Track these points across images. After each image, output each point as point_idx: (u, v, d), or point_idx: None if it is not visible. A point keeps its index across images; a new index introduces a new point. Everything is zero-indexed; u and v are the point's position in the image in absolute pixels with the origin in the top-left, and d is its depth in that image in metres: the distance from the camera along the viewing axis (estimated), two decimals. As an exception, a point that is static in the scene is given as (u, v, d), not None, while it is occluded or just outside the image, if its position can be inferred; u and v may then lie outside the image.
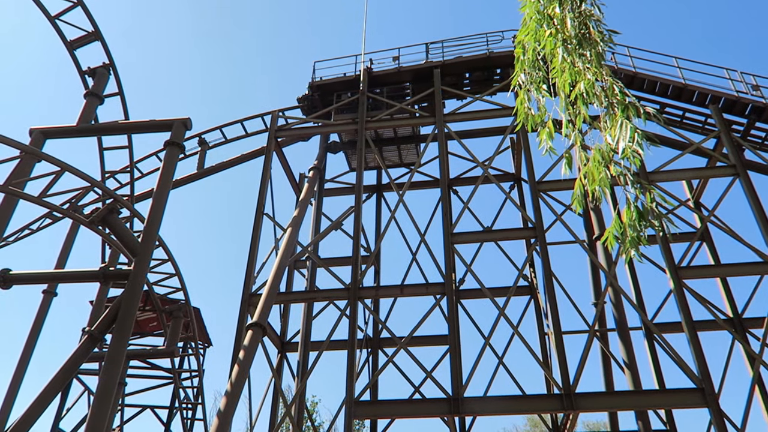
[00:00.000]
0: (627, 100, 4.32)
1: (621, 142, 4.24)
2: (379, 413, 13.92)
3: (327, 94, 19.22)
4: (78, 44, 14.34)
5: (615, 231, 4.54)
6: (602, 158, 4.46)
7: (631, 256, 4.53)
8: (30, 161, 11.37)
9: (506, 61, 18.12)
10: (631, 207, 4.40)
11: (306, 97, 19.59)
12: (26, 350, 15.25)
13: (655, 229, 4.47)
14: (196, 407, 20.87)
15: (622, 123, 4.24)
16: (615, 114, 4.27)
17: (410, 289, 14.96)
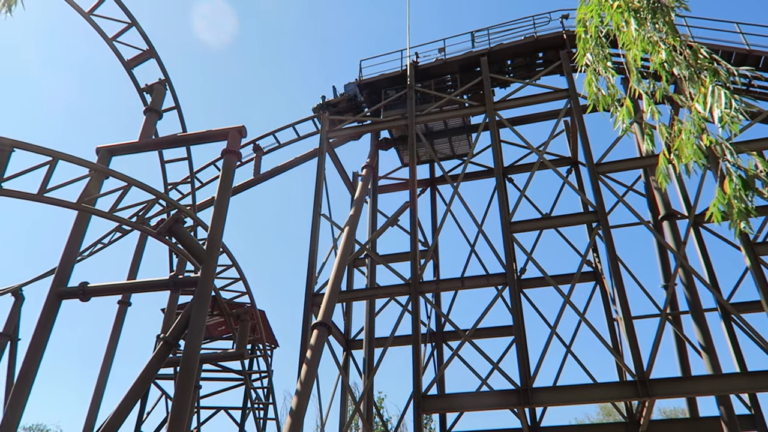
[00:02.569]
0: (715, 65, 4.08)
1: (715, 110, 4.00)
2: (448, 407, 13.88)
3: (375, 92, 19.26)
4: (135, 63, 14.92)
5: (719, 204, 4.27)
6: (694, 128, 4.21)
7: (741, 228, 4.27)
8: (99, 178, 11.90)
9: (555, 42, 17.66)
10: (733, 177, 4.14)
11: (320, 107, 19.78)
12: (107, 359, 16.02)
13: (765, 198, 4.21)
14: (267, 407, 21.42)
15: (713, 89, 4.01)
16: (702, 82, 4.04)
17: (471, 281, 14.84)
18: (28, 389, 11.43)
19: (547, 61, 18.15)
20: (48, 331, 12.05)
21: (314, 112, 19.96)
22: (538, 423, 14.70)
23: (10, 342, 18.91)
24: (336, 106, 19.52)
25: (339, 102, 19.55)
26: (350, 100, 19.67)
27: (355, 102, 19.52)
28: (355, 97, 19.63)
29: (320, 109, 19.80)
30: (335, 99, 19.72)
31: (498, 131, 16.46)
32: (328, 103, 19.75)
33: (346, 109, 19.61)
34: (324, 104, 19.75)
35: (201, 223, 13.66)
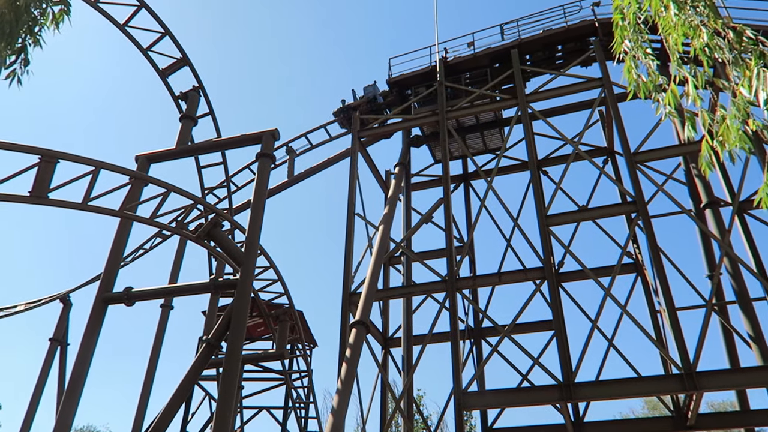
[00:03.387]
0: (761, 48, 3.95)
1: (761, 93, 3.87)
2: (488, 403, 13.79)
3: (405, 89, 19.25)
4: (169, 71, 15.25)
5: (767, 189, 4.14)
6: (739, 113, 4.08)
7: None
8: (139, 186, 12.20)
9: (587, 31, 17.35)
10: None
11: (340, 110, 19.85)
12: (152, 361, 16.44)
13: None
14: (308, 406, 21.64)
15: (759, 72, 3.88)
16: (746, 65, 3.92)
17: (508, 276, 14.71)
18: (79, 392, 11.82)
19: (579, 50, 17.84)
20: (96, 335, 12.43)
21: (335, 117, 20.12)
22: (581, 418, 14.47)
23: (60, 347, 19.60)
24: (356, 109, 19.65)
25: (359, 105, 19.67)
26: (369, 102, 19.77)
27: (375, 104, 19.60)
28: (374, 98, 19.71)
29: (340, 113, 19.97)
30: (355, 102, 19.86)
31: (531, 124, 16.26)
32: (348, 107, 19.91)
33: (366, 111, 19.70)
34: (344, 108, 19.92)
35: (238, 226, 13.89)
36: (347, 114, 19.92)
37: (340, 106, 20.08)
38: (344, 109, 19.95)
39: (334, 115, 20.02)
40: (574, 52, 17.97)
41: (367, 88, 20.05)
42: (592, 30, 17.17)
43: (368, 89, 19.96)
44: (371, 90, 19.85)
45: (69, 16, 3.84)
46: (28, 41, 3.60)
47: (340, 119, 20.25)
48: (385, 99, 19.71)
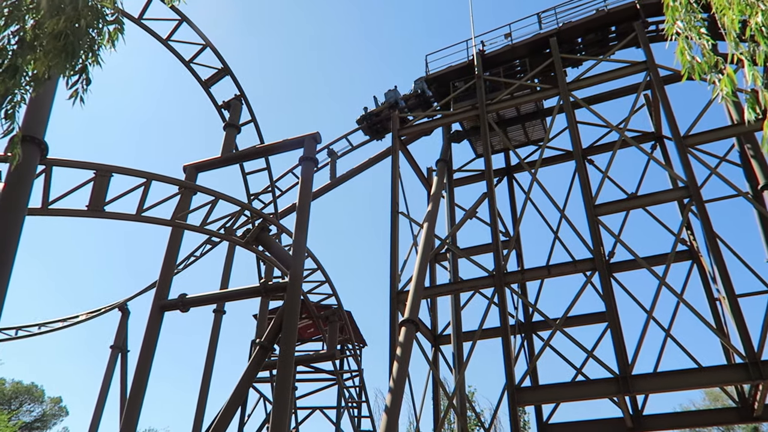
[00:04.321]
0: None
1: None
2: (543, 398, 13.57)
3: (443, 85, 19.14)
4: (212, 82, 15.62)
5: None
6: None
7: None
8: (188, 195, 12.56)
9: (628, 14, 16.85)
10: None
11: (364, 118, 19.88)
12: (208, 364, 16.87)
13: None
14: (360, 405, 21.82)
15: None
16: None
17: (558, 269, 14.45)
18: (142, 397, 12.24)
19: (620, 34, 17.36)
20: (154, 341, 12.85)
21: (358, 125, 20.22)
22: (640, 411, 14.10)
23: (120, 354, 20.35)
24: (378, 115, 19.76)
25: (381, 111, 19.77)
26: (391, 108, 19.85)
27: (397, 108, 19.68)
28: (396, 103, 19.79)
29: (363, 120, 20.10)
30: (377, 108, 19.96)
31: (573, 112, 15.93)
32: (370, 114, 20.05)
33: (388, 117, 19.77)
34: (366, 115, 20.08)
35: (285, 229, 14.12)
36: (370, 121, 20.06)
37: (363, 114, 20.22)
38: (367, 116, 20.10)
39: (357, 123, 20.15)
40: (615, 37, 17.51)
41: (388, 94, 20.18)
42: (634, 13, 16.68)
43: (389, 94, 20.09)
44: (392, 95, 19.97)
45: (123, 35, 3.99)
46: (89, 61, 3.76)
47: (364, 127, 20.41)
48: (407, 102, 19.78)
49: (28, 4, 3.67)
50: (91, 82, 3.75)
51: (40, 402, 42.63)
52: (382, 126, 20.35)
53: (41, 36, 3.56)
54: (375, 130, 20.57)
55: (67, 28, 3.48)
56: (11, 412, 36.82)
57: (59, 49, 3.47)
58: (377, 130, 20.52)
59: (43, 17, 3.55)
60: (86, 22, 3.56)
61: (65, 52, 3.49)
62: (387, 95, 20.15)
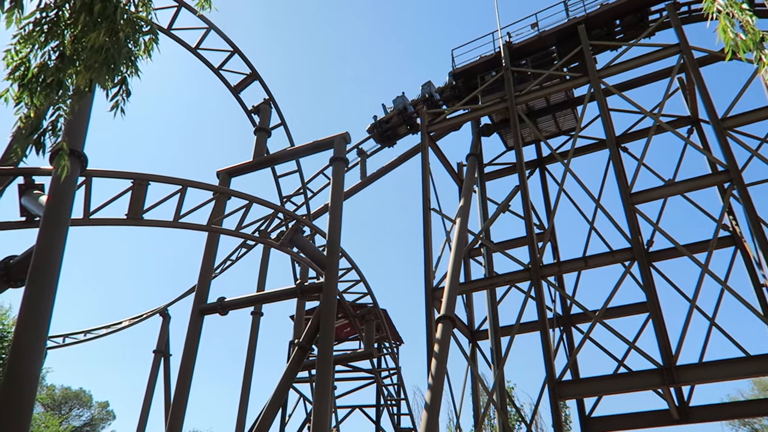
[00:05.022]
0: None
1: None
2: (585, 392, 13.35)
3: (470, 79, 19.00)
4: (241, 87, 15.83)
5: None
6: None
7: None
8: (223, 200, 12.76)
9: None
10: None
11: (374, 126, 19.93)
12: (248, 366, 17.13)
13: None
14: (399, 403, 21.85)
15: None
16: None
17: (595, 260, 14.20)
18: (186, 399, 12.50)
19: (650, 18, 16.96)
20: (196, 344, 13.11)
21: (369, 133, 20.28)
22: (686, 403, 13.76)
23: (163, 358, 20.80)
24: (389, 122, 19.85)
25: (390, 118, 19.87)
26: (400, 114, 19.98)
27: (406, 114, 19.80)
28: (404, 109, 19.95)
29: (373, 128, 20.26)
30: (386, 116, 20.06)
31: (605, 100, 15.63)
32: (380, 121, 20.17)
33: (398, 123, 19.91)
34: (376, 123, 20.25)
35: (318, 230, 14.23)
36: (380, 129, 20.23)
37: (372, 123, 20.41)
38: (377, 124, 20.29)
39: (368, 132, 20.26)
40: (644, 21, 17.11)
41: (396, 100, 20.36)
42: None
43: (397, 101, 20.27)
44: (400, 101, 20.14)
45: (157, 44, 4.08)
46: (128, 72, 3.86)
47: (374, 135, 20.55)
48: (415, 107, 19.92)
49: (66, 20, 3.79)
50: (131, 93, 3.85)
51: (88, 407, 43.95)
52: (393, 133, 20.57)
53: (81, 50, 3.68)
54: (386, 137, 20.80)
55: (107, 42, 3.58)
56: (62, 416, 38.07)
57: (100, 62, 3.58)
58: (388, 137, 20.73)
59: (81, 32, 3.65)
60: (124, 34, 3.66)
61: (106, 65, 3.59)
62: (395, 102, 20.40)
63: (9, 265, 9.35)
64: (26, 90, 3.74)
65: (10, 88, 3.81)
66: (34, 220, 9.24)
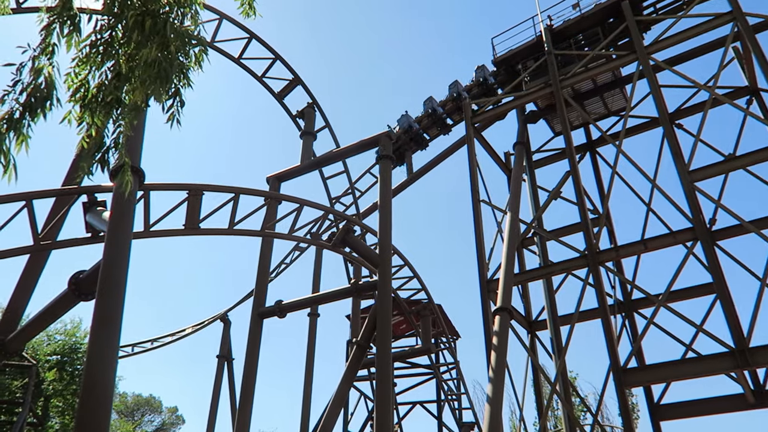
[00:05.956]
0: None
1: None
2: (652, 378, 12.93)
3: (512, 66, 18.70)
4: (284, 93, 16.09)
5: None
6: None
7: None
8: (274, 205, 13.01)
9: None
10: None
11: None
12: (308, 366, 17.41)
13: None
14: (460, 397, 21.76)
15: None
16: None
17: (655, 242, 13.72)
18: (251, 401, 12.80)
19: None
20: (257, 348, 13.41)
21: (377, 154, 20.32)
22: (762, 386, 13.16)
23: (226, 362, 21.39)
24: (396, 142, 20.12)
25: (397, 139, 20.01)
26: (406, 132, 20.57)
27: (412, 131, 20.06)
28: (410, 127, 20.28)
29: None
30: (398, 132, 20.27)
31: (655, 76, 15.07)
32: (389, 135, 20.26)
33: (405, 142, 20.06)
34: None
35: (369, 229, 14.31)
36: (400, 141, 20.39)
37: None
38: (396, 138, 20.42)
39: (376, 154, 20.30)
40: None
41: (400, 119, 20.56)
42: (710, -38, 15.56)
43: (402, 120, 20.55)
44: (405, 120, 20.60)
45: (207, 55, 4.20)
46: (180, 84, 3.99)
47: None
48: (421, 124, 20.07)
49: (119, 39, 3.96)
50: (185, 104, 3.99)
51: (159, 412, 45.65)
52: (400, 152, 20.78)
53: (135, 67, 3.83)
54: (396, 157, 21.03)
55: (160, 56, 3.71)
56: (135, 422, 39.72)
57: (154, 76, 3.72)
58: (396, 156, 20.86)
59: (135, 49, 3.80)
60: (175, 47, 3.79)
61: (160, 78, 3.73)
62: (399, 121, 20.74)
63: (79, 280, 9.80)
64: (87, 110, 3.93)
65: (72, 110, 4.02)
66: (99, 235, 9.64)
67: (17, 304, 11.72)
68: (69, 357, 19.31)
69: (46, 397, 17.54)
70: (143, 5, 3.74)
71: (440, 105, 20.38)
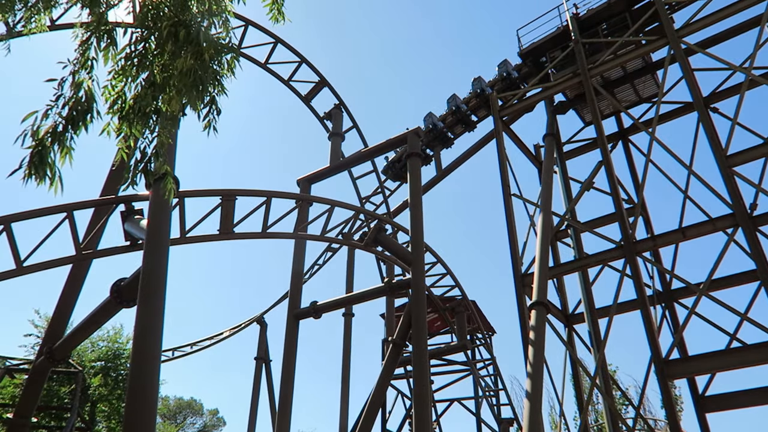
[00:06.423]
0: None
1: None
2: (696, 370, 12.64)
3: (539, 57, 18.47)
4: (311, 96, 16.20)
5: None
6: None
7: None
8: (305, 207, 13.12)
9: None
10: None
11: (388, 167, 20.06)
12: (345, 366, 17.50)
13: None
14: (498, 393, 21.60)
15: None
16: None
17: (693, 230, 13.39)
18: (290, 402, 12.94)
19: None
20: (294, 349, 13.55)
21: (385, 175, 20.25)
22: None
23: (264, 364, 21.66)
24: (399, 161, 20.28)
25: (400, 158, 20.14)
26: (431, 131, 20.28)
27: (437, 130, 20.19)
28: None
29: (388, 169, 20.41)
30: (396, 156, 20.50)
31: (687, 60, 14.71)
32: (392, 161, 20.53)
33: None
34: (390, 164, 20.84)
35: (401, 227, 14.32)
36: (394, 168, 20.37)
37: (386, 164, 20.68)
38: (390, 165, 20.50)
39: (383, 173, 20.30)
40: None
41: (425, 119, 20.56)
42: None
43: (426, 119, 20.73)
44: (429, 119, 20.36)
45: (239, 62, 4.27)
46: (215, 92, 4.07)
47: (390, 175, 20.63)
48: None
49: (152, 51, 4.05)
50: (221, 111, 4.06)
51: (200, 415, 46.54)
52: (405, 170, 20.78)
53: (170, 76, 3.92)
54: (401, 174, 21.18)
55: (195, 65, 3.79)
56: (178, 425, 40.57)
57: (190, 85, 3.80)
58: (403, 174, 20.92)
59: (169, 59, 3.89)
60: (209, 55, 3.86)
61: (195, 87, 3.81)
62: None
63: (120, 288, 10.04)
64: (125, 121, 4.04)
65: (111, 121, 4.14)
66: (138, 243, 9.87)
67: (63, 313, 12.07)
68: (112, 363, 19.85)
69: (93, 402, 18.06)
70: (175, 16, 3.83)
71: (464, 102, 20.26)
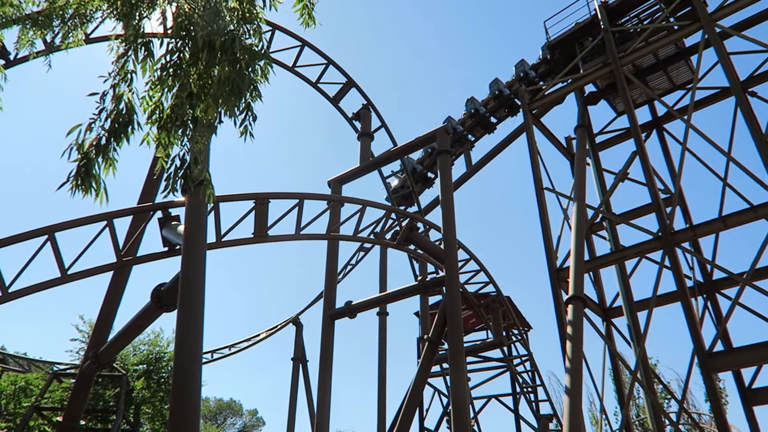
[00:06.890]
0: None
1: None
2: (741, 362, 12.29)
3: (567, 48, 18.20)
4: (339, 97, 16.29)
5: None
6: None
7: None
8: (337, 207, 13.19)
9: None
10: None
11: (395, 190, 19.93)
12: (381, 365, 17.55)
13: None
14: (536, 389, 21.37)
15: None
16: None
17: (734, 219, 13.01)
18: (328, 402, 13.04)
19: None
20: (330, 349, 13.65)
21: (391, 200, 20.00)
22: None
23: (301, 364, 21.88)
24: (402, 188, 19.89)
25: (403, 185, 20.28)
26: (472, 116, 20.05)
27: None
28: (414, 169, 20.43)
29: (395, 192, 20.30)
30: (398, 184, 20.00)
31: (722, 44, 14.31)
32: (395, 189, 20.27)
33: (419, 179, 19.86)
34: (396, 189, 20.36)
35: (433, 225, 14.29)
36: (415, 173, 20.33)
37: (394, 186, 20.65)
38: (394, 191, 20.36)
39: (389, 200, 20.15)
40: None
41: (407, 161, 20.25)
42: None
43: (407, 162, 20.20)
44: (409, 163, 20.27)
45: (272, 68, 4.34)
46: (250, 98, 4.15)
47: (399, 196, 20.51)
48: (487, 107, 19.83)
49: (186, 61, 4.14)
50: (257, 117, 4.13)
51: (240, 415, 47.29)
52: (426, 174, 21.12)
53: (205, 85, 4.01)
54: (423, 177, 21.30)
55: (232, 72, 3.87)
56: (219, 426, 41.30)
57: (228, 93, 3.88)
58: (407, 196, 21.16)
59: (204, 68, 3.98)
60: (245, 63, 3.94)
61: (233, 95, 3.89)
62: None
63: (160, 292, 10.28)
64: (164, 131, 4.15)
65: (150, 131, 4.25)
66: (176, 249, 10.08)
67: (106, 318, 12.42)
68: (154, 366, 20.32)
69: (137, 405, 18.52)
70: (208, 25, 3.91)
71: (482, 104, 20.16)
